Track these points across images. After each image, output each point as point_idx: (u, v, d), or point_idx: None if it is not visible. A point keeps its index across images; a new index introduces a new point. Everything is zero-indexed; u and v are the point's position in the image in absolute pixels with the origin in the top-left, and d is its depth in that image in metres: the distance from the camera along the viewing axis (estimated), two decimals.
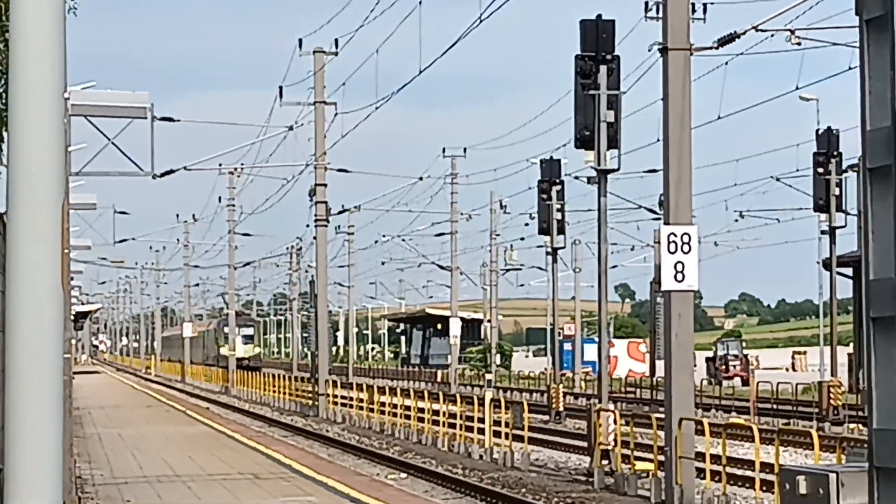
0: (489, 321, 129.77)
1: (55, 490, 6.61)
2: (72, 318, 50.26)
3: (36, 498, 6.41)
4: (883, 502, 7.26)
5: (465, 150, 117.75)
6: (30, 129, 6.66)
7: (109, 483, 33.09)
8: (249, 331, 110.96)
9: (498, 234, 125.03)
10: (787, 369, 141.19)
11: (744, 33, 35.78)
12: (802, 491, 8.67)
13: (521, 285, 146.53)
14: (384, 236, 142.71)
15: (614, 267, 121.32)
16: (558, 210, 63.28)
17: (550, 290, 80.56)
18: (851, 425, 53.74)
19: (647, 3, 33.86)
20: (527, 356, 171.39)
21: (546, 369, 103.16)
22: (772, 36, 39.19)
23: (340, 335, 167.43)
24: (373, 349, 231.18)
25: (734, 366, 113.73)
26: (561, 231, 64.93)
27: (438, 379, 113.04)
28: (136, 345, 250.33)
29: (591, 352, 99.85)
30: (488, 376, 75.38)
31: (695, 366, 36.46)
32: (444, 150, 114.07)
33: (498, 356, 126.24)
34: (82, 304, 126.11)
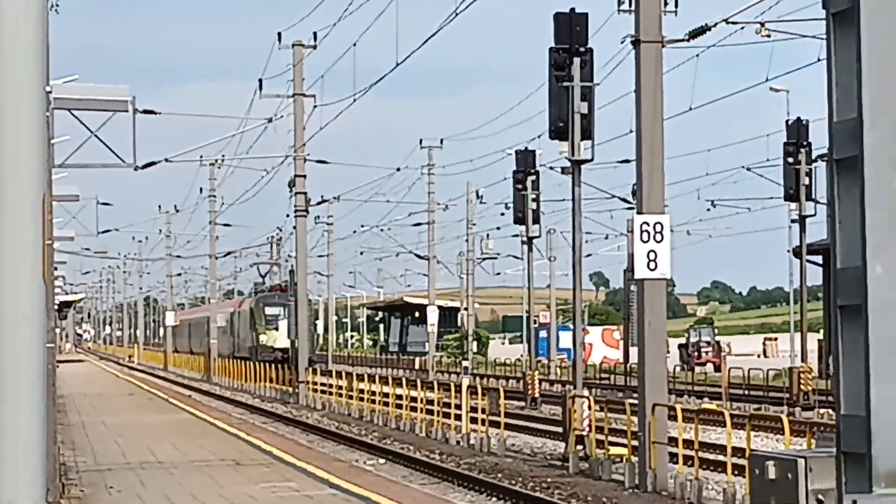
0: (466, 309, 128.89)
1: (39, 477, 6.67)
2: (55, 307, 50.13)
3: (21, 485, 6.39)
4: (850, 487, 7.42)
5: (441, 141, 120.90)
6: (11, 122, 6.64)
7: (93, 470, 33.49)
8: (278, 309, 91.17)
9: (474, 224, 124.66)
10: (758, 356, 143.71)
11: (714, 26, 36.81)
12: (771, 476, 8.75)
13: (498, 274, 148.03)
14: (363, 226, 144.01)
15: (588, 255, 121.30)
16: (533, 200, 64.40)
17: (526, 279, 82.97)
18: (822, 410, 55.04)
19: None
20: (503, 343, 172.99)
21: (522, 356, 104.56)
22: (742, 28, 40.24)
23: (320, 323, 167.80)
24: (352, 337, 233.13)
25: (706, 352, 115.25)
26: (536, 220, 65.91)
27: (416, 366, 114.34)
28: (119, 333, 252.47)
29: (566, 339, 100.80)
30: (465, 363, 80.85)
31: (667, 352, 37.00)
32: (420, 141, 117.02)
33: (474, 344, 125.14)
34: (66, 293, 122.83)
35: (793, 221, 65.90)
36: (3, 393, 6.50)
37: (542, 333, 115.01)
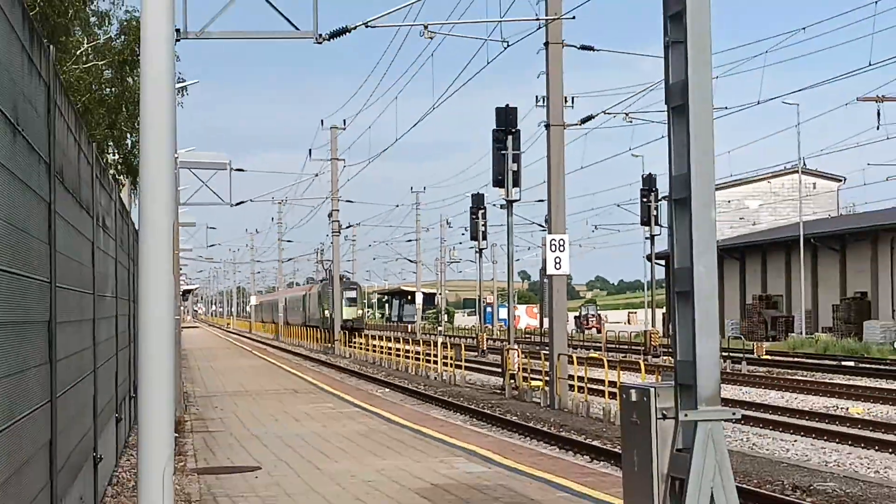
0: (440, 294, 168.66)
1: (171, 400, 8.36)
2: (181, 293, 65.02)
3: (159, 405, 8.21)
4: (682, 405, 9.77)
5: (424, 188, 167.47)
6: (153, 177, 8.51)
7: (203, 396, 40.56)
8: (353, 293, 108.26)
9: (445, 240, 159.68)
10: (625, 323, 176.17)
11: (597, 115, 49.14)
12: (633, 399, 10.67)
13: (460, 271, 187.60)
14: (375, 242, 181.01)
15: (517, 260, 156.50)
16: (483, 225, 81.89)
17: (478, 275, 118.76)
18: (664, 357, 61.26)
19: (537, 97, 42.93)
20: (463, 316, 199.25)
21: (475, 324, 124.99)
22: (614, 116, 53.64)
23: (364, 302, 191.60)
24: (369, 312, 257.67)
25: (592, 321, 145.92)
26: (484, 238, 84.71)
27: (409, 330, 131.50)
28: (220, 310, 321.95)
29: (503, 313, 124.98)
30: (439, 328, 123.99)
31: (567, 321, 46.16)
32: (412, 188, 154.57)
33: (445, 316, 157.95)
34: (187, 284, 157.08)
35: (646, 238, 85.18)
36: (148, 346, 8.24)
37: (489, 309, 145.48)
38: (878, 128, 58.13)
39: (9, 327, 6.98)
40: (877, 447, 27.30)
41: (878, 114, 54.14)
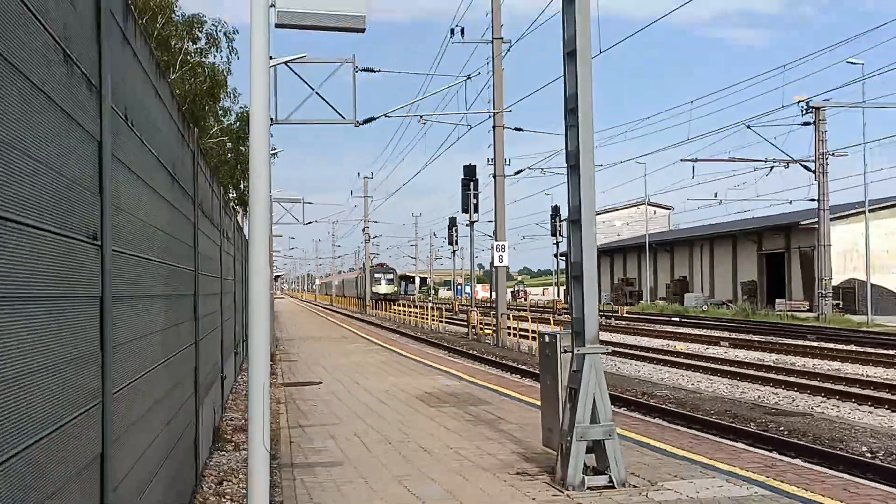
0: (430, 278, 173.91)
1: (267, 342, 7.90)
2: (273, 277, 65.73)
3: (260, 344, 7.77)
4: (576, 344, 9.75)
5: (420, 213, 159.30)
6: (257, 208, 8.00)
7: (286, 339, 39.95)
8: (390, 276, 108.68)
9: (432, 245, 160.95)
10: (541, 295, 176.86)
11: (524, 170, 50.75)
12: (546, 341, 10.60)
13: (442, 264, 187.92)
14: (390, 246, 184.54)
15: (476, 257, 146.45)
16: (455, 236, 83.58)
17: (453, 266, 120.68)
18: (565, 316, 60.72)
19: (488, 159, 41.18)
20: (445, 291, 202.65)
21: (451, 296, 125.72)
22: (533, 170, 54.33)
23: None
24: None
25: (521, 294, 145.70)
26: (456, 243, 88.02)
27: (411, 300, 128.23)
28: (297, 287, 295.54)
29: (468, 289, 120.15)
30: (429, 299, 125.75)
31: (506, 294, 48.11)
32: (412, 213, 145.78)
33: (433, 291, 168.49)
34: (276, 272, 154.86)
35: (553, 244, 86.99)
36: (255, 310, 7.84)
37: (459, 287, 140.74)
38: (693, 177, 58.66)
39: (172, 298, 7.12)
40: (693, 369, 27.39)
41: (693, 169, 54.09)
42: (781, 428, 16.44)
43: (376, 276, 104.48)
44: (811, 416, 18.10)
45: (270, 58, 8.15)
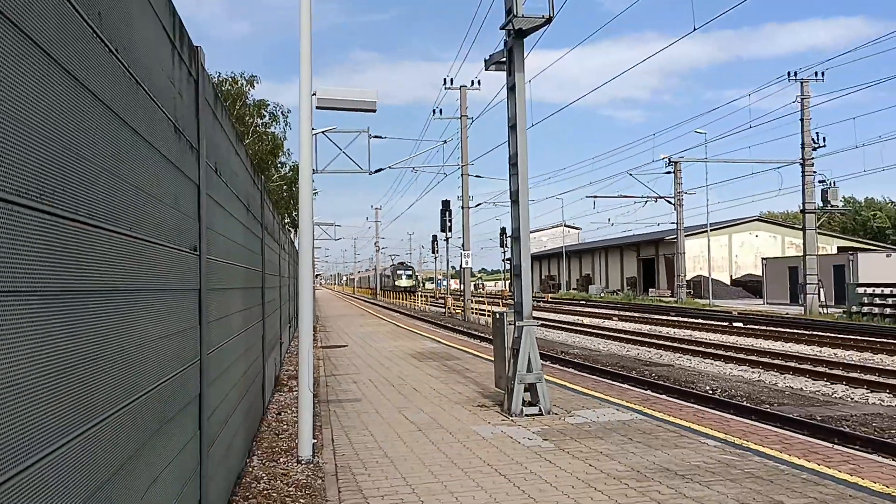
0: (420, 275, 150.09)
1: (311, 318, 7.92)
2: (315, 275, 57.92)
3: (307, 320, 7.84)
4: (517, 320, 9.64)
5: (413, 232, 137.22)
6: (304, 228, 7.97)
7: (324, 317, 37.64)
8: (409, 272, 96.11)
9: (421, 253, 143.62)
10: (494, 286, 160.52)
11: (483, 202, 49.97)
12: (497, 317, 10.28)
13: (428, 266, 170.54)
14: (394, 254, 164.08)
15: (450, 262, 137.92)
16: (436, 248, 71.85)
17: (436, 267, 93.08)
18: (510, 300, 59.58)
19: (458, 195, 39.15)
20: (430, 285, 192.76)
21: (435, 289, 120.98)
22: (488, 203, 48.85)
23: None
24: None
25: (481, 286, 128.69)
26: (437, 251, 73.30)
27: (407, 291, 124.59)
28: (332, 282, 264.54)
29: (445, 283, 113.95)
30: (419, 290, 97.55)
31: (470, 286, 42.45)
32: (408, 233, 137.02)
33: (422, 284, 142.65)
34: (317, 272, 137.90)
35: (503, 251, 76.83)
36: (303, 297, 7.90)
37: (440, 282, 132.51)
38: (593, 205, 58.24)
39: (246, 290, 7.07)
40: (594, 336, 27.40)
41: (594, 203, 54.04)
42: (653, 374, 16.50)
43: (398, 272, 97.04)
44: (672, 367, 18.18)
45: (312, 129, 8.18)
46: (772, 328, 29.04)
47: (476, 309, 38.81)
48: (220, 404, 5.04)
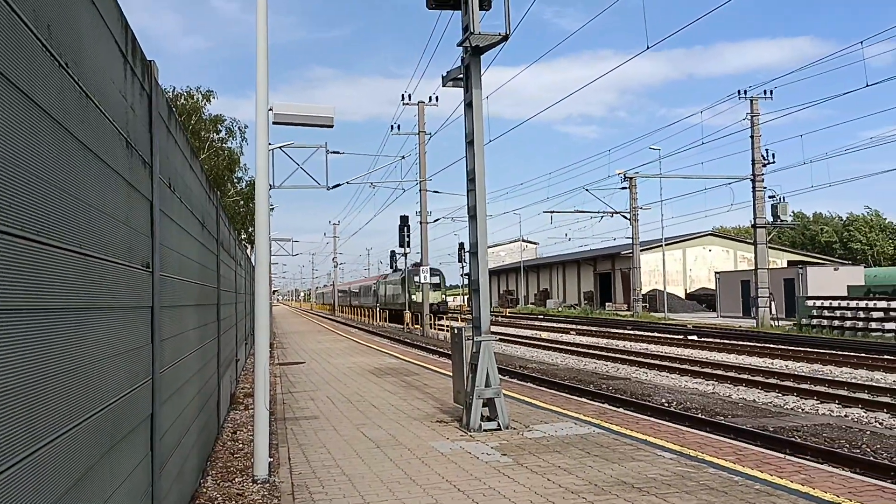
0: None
1: (268, 336, 7.87)
2: (272, 291, 56.77)
3: (263, 337, 7.77)
4: (475, 334, 9.63)
5: (372, 247, 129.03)
6: (260, 245, 7.97)
7: (281, 333, 36.55)
8: (436, 279, 58.41)
9: (380, 268, 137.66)
10: (453, 301, 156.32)
11: (441, 218, 48.58)
12: (456, 332, 10.26)
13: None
14: (353, 269, 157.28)
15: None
16: (395, 264, 70.54)
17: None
18: (469, 316, 59.44)
19: (416, 211, 38.67)
20: None
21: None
22: (446, 218, 49.14)
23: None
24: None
25: (450, 300, 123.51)
26: (395, 267, 71.93)
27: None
28: (289, 298, 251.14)
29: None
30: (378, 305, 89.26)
31: (430, 301, 43.42)
32: (366, 248, 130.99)
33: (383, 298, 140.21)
34: (274, 288, 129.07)
35: (461, 267, 76.27)
36: (259, 314, 7.76)
37: None
38: (551, 220, 58.71)
39: (201, 307, 6.96)
40: (552, 350, 27.57)
41: (551, 218, 54.40)
42: (610, 388, 16.62)
43: (415, 278, 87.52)
44: (629, 380, 18.35)
45: (269, 144, 8.13)
46: (725, 341, 29.53)
47: (435, 324, 38.75)
48: (174, 423, 4.95)
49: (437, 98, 37.99)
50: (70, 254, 2.50)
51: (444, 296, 54.45)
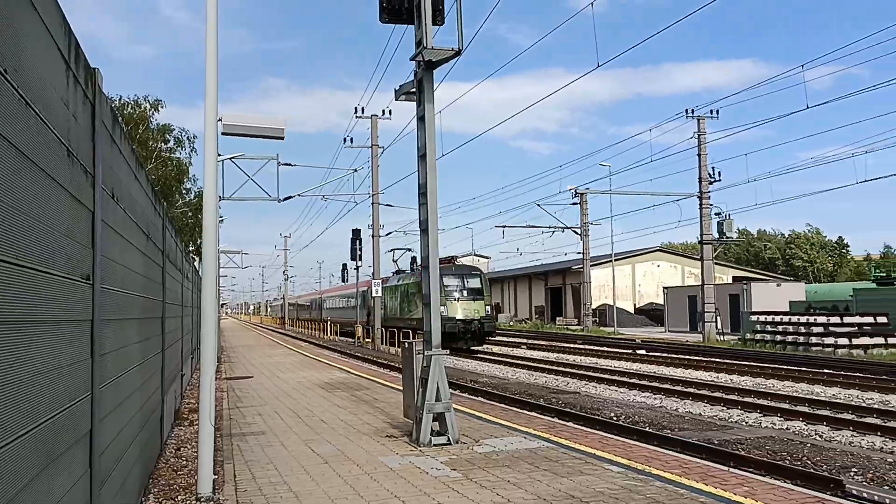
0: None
1: (214, 349, 7.77)
2: (220, 304, 54.40)
3: (209, 352, 7.66)
4: (426, 349, 9.66)
5: (323, 261, 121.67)
6: (208, 257, 7.84)
7: (229, 348, 35.34)
8: (476, 282, 32.92)
9: (330, 281, 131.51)
10: None
11: (392, 231, 47.33)
12: (407, 346, 10.31)
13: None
14: (304, 283, 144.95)
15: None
16: (346, 277, 68.30)
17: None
18: (420, 331, 58.40)
19: (368, 224, 37.73)
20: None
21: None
22: (397, 231, 46.90)
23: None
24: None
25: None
26: (347, 280, 69.70)
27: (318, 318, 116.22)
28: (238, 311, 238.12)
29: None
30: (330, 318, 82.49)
31: (381, 315, 39.93)
32: (317, 261, 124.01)
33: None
34: (223, 301, 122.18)
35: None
36: (205, 327, 7.67)
37: None
38: (503, 235, 58.96)
39: (145, 320, 6.82)
40: (503, 364, 27.65)
41: (503, 232, 54.80)
42: (560, 401, 16.73)
43: (449, 286, 79.98)
44: (579, 394, 18.51)
45: (219, 155, 8.03)
46: (673, 355, 30.02)
47: (388, 339, 38.50)
48: (114, 440, 4.83)
49: (390, 111, 37.99)
50: (4, 265, 2.44)
51: (488, 308, 33.62)
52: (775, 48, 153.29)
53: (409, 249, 41.22)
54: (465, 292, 33.23)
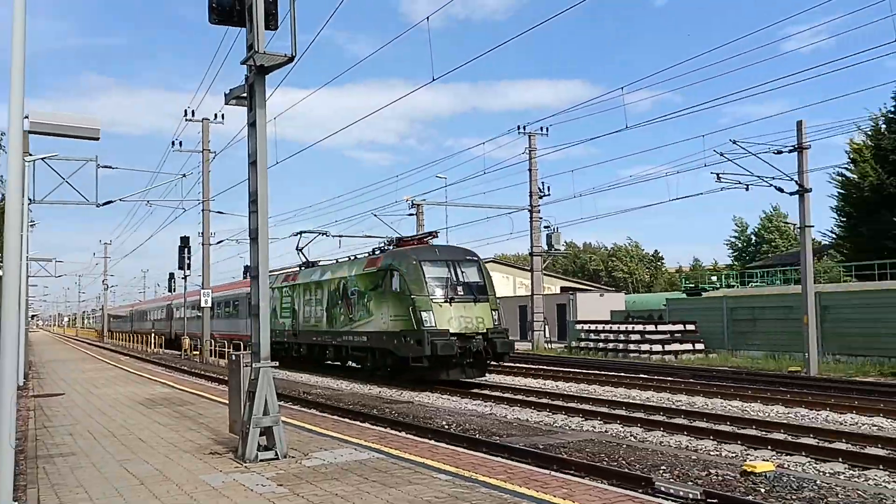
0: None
1: (15, 365, 7.09)
2: (30, 316, 49.53)
3: (9, 365, 6.75)
4: (254, 361, 9.32)
5: (148, 269, 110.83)
6: (10, 265, 6.89)
7: (39, 363, 30.73)
8: (474, 272, 20.89)
9: (156, 293, 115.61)
10: None
11: (224, 240, 43.61)
12: (234, 359, 9.80)
13: None
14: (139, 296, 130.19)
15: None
16: (174, 287, 62.81)
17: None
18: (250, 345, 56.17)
19: (199, 232, 36.35)
20: None
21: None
22: (229, 239, 45.08)
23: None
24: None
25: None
26: (175, 290, 63.81)
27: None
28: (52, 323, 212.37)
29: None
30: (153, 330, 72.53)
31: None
32: (141, 270, 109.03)
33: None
34: (33, 311, 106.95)
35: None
36: (5, 341, 6.81)
37: None
38: (339, 245, 58.45)
39: None
40: (338, 377, 27.35)
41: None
42: (393, 412, 16.81)
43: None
44: (412, 403, 18.68)
45: (29, 154, 7.43)
46: (503, 364, 31.01)
47: (215, 350, 37.03)
48: None
49: (222, 116, 36.83)
50: None
51: (496, 315, 21.86)
52: (602, 71, 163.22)
53: (326, 234, 30.44)
54: (459, 289, 21.24)
